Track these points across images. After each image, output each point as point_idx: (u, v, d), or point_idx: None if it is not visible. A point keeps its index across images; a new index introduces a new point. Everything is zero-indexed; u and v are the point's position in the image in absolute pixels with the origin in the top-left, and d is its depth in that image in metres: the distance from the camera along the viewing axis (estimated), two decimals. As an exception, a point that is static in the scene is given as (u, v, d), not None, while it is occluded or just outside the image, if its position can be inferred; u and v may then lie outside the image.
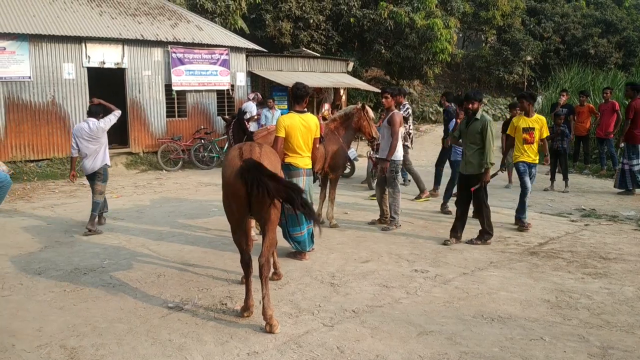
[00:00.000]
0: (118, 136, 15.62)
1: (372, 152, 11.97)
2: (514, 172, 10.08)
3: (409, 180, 12.11)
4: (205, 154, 14.80)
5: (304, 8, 23.15)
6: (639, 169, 10.42)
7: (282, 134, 6.09)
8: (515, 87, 30.71)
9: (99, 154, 8.12)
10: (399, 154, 7.92)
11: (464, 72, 31.20)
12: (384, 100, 7.95)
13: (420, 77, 25.96)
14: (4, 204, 10.03)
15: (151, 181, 12.92)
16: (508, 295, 5.22)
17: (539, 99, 21.40)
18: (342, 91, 19.78)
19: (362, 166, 13.01)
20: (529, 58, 28.63)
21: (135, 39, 14.26)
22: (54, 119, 13.38)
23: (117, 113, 8.39)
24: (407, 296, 5.23)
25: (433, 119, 25.43)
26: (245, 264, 4.70)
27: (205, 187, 11.89)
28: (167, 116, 15.24)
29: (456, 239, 7.11)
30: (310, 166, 6.34)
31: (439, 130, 23.21)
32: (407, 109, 10.45)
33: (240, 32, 20.02)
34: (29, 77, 12.92)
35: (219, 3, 19.20)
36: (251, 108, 14.28)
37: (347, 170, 13.41)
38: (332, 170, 8.05)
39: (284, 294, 5.31)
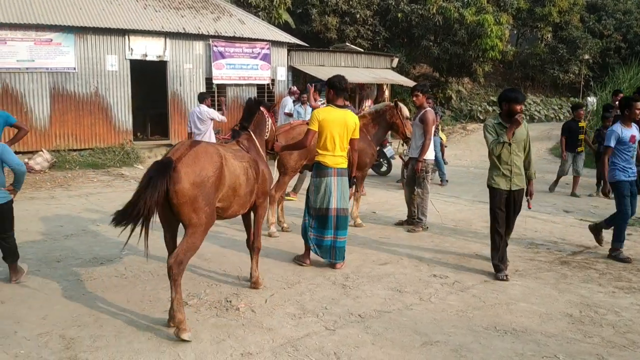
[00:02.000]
0: (160, 128, 15.91)
1: (406, 151, 11.68)
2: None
3: (447, 181, 11.75)
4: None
5: (350, 3, 22.92)
6: None
7: (314, 127, 5.69)
8: (571, 87, 29.51)
9: (206, 135, 10.19)
10: (430, 154, 7.66)
11: (517, 70, 30.18)
12: (414, 98, 7.67)
13: (470, 74, 25.31)
14: (43, 191, 10.36)
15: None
16: (527, 306, 4.90)
17: (593, 99, 20.44)
18: (385, 87, 19.45)
19: (398, 165, 12.66)
20: (586, 57, 27.42)
21: (177, 32, 14.43)
22: (96, 109, 13.71)
23: (222, 117, 10.82)
24: (419, 302, 4.99)
25: (481, 117, 24.72)
26: (168, 267, 4.17)
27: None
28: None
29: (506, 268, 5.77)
30: (343, 165, 5.84)
31: (486, 130, 22.56)
32: None
33: (285, 27, 20.00)
34: (74, 69, 13.28)
35: (263, -3, 19.25)
36: (289, 103, 14.17)
37: (384, 169, 13.17)
38: (359, 167, 7.80)
39: (292, 294, 5.17)
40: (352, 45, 21.12)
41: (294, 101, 14.68)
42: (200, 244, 4.30)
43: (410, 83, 19.96)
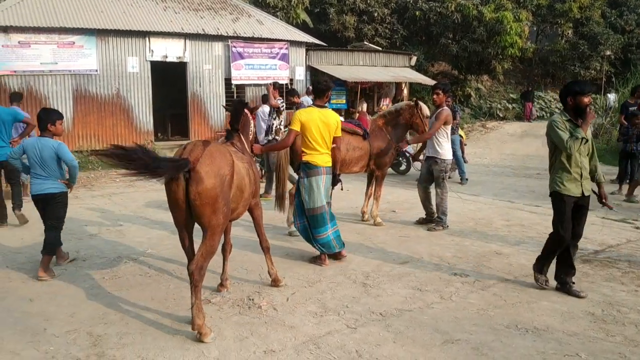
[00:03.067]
0: (180, 128, 16.09)
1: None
2: None
3: (467, 179, 11.70)
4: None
5: (368, 1, 22.90)
6: None
7: (296, 127, 5.81)
8: (593, 83, 29.03)
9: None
10: (448, 154, 7.64)
11: (537, 67, 29.81)
12: (434, 96, 7.65)
13: (489, 72, 25.10)
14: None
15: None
16: (549, 305, 4.88)
17: (614, 96, 20.17)
18: (403, 86, 19.41)
19: (419, 164, 12.62)
20: (608, 53, 26.94)
21: (196, 33, 14.59)
22: (118, 110, 13.92)
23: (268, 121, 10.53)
24: (440, 301, 5.00)
25: (501, 115, 24.50)
26: (189, 273, 4.20)
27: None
28: (227, 110, 15.47)
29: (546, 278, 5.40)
30: (330, 164, 5.99)
31: (506, 127, 22.39)
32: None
33: (303, 26, 20.06)
34: (96, 70, 13.51)
35: (281, -3, 19.33)
36: (308, 102, 14.24)
37: (403, 167, 13.16)
38: (378, 167, 7.85)
39: (313, 292, 5.22)
40: (370, 44, 21.11)
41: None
42: (218, 246, 4.32)
43: (429, 81, 19.90)
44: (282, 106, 9.69)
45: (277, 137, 9.60)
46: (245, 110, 5.43)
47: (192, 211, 4.13)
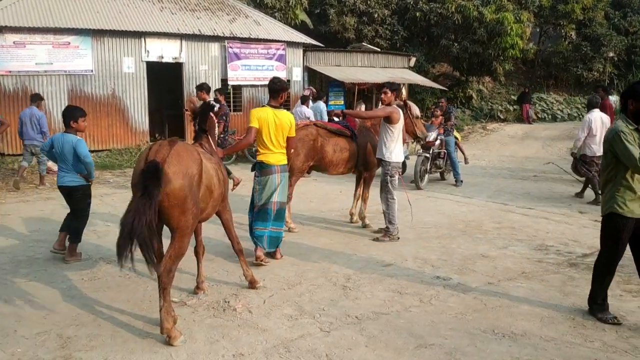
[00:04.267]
0: (177, 129, 16.05)
1: (419, 151, 11.58)
2: None
3: (461, 181, 11.60)
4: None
5: (368, 2, 22.84)
6: None
7: (255, 124, 5.87)
8: (596, 85, 28.85)
9: None
10: (394, 156, 7.01)
11: (540, 68, 29.68)
12: (382, 95, 7.20)
13: (490, 73, 24.99)
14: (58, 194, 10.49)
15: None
16: (530, 309, 4.80)
17: (616, 98, 19.99)
18: (402, 87, 19.30)
19: (412, 164, 12.54)
20: (611, 54, 26.79)
21: (192, 33, 14.56)
22: (113, 111, 13.91)
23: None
24: (418, 304, 4.93)
25: (502, 117, 24.38)
26: (158, 276, 4.14)
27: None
28: (186, 111, 15.45)
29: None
30: (284, 162, 6.07)
31: (506, 129, 22.26)
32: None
33: (302, 27, 20.02)
34: (91, 71, 13.50)
35: (278, -2, 19.30)
36: (303, 112, 14.10)
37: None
38: (366, 168, 7.78)
39: (291, 295, 5.16)
40: (369, 45, 21.04)
41: (315, 101, 14.60)
42: (187, 248, 4.24)
43: (428, 83, 19.83)
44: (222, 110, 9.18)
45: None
46: (210, 114, 5.37)
47: (161, 213, 4.03)
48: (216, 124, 5.42)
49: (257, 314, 4.70)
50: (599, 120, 9.48)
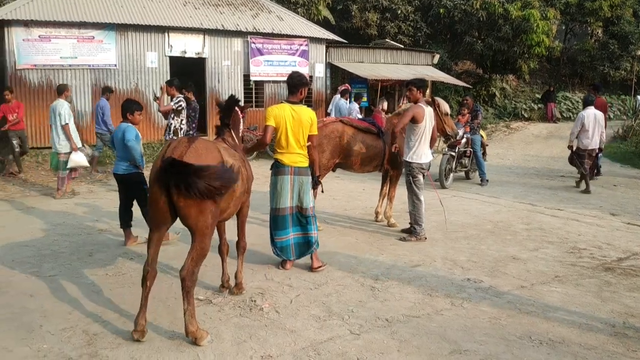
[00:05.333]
0: (198, 124, 16.00)
1: (445, 149, 11.38)
2: None
3: (487, 181, 11.39)
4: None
5: (392, -2, 22.61)
6: None
7: (271, 123, 5.45)
8: (622, 84, 28.26)
9: None
10: (416, 157, 6.84)
11: (565, 67, 29.12)
12: (407, 93, 7.02)
13: (514, 71, 24.58)
14: (83, 186, 10.53)
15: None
16: (566, 315, 4.62)
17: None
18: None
19: (437, 163, 12.34)
20: (639, 53, 26.18)
21: (215, 29, 14.51)
22: (136, 105, 13.88)
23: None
24: (450, 308, 4.78)
25: (526, 116, 23.96)
26: (143, 276, 4.10)
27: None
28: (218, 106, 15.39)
29: None
30: (301, 164, 5.59)
31: (530, 128, 21.87)
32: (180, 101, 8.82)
33: (325, 23, 19.87)
34: (115, 65, 13.52)
35: (302, -7, 19.16)
36: (343, 105, 13.97)
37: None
38: (393, 166, 7.63)
39: (318, 295, 5.04)
40: (392, 42, 20.82)
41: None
42: (209, 248, 4.07)
43: (452, 80, 19.56)
44: (180, 105, 8.82)
45: (174, 137, 8.80)
46: (236, 108, 5.26)
47: (177, 213, 3.91)
48: (241, 119, 5.31)
49: (284, 314, 4.59)
50: (592, 116, 10.45)
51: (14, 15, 12.35)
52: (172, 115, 8.86)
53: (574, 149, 10.74)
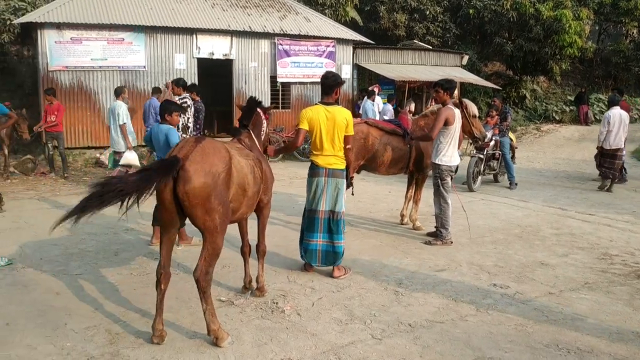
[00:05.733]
0: (226, 126, 16.14)
1: (473, 152, 11.21)
2: None
3: (516, 184, 11.17)
4: (306, 146, 14.77)
5: (420, -1, 22.41)
6: None
7: (303, 126, 5.43)
8: (614, 88, 27.49)
9: None
10: (446, 159, 6.73)
11: (598, 68, 28.46)
12: (434, 94, 6.90)
13: (546, 72, 24.10)
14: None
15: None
16: (596, 323, 4.47)
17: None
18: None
19: (465, 165, 12.15)
20: (676, 53, 25.45)
21: (243, 30, 14.58)
22: (164, 107, 14.05)
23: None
24: (475, 313, 4.67)
25: (557, 118, 23.47)
26: (157, 279, 4.09)
27: (299, 180, 11.82)
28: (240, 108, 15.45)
29: None
30: (336, 166, 5.50)
31: (562, 131, 21.43)
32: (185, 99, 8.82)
33: (352, 24, 19.81)
34: (144, 67, 13.69)
35: (329, -6, 19.13)
36: (370, 107, 13.93)
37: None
38: (419, 169, 7.53)
39: (340, 298, 4.99)
40: (420, 43, 20.63)
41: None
42: (221, 247, 4.04)
43: (481, 81, 19.30)
44: (185, 102, 8.79)
45: (184, 135, 8.69)
46: (259, 110, 5.24)
47: (185, 213, 3.89)
48: (264, 120, 5.28)
49: (305, 317, 4.56)
50: (617, 116, 10.66)
51: (46, 18, 12.62)
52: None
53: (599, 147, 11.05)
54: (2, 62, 16.66)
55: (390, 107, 13.77)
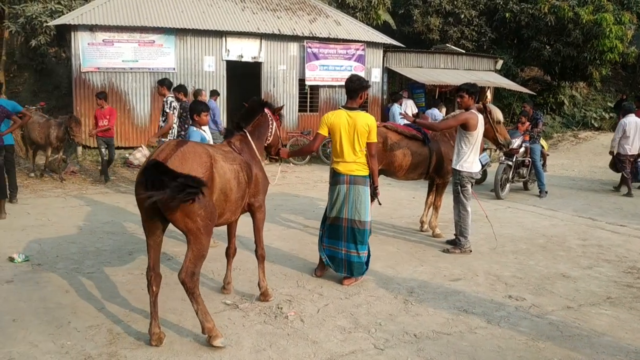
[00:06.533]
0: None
1: (502, 158, 10.91)
2: None
3: (546, 192, 10.82)
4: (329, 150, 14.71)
5: (455, 3, 22.10)
6: None
7: (323, 132, 5.30)
8: (637, 96, 26.33)
9: None
10: (467, 165, 6.52)
11: (641, 74, 27.49)
12: (458, 99, 6.68)
13: (585, 78, 23.39)
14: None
15: (275, 173, 13.10)
16: (613, 341, 4.23)
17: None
18: (487, 90, 18.45)
19: (494, 172, 11.85)
20: None
21: (272, 33, 14.61)
22: (193, 109, 14.18)
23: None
24: (485, 326, 4.49)
25: (596, 125, 22.73)
26: (148, 282, 4.01)
27: (323, 184, 11.74)
28: (299, 110, 15.43)
29: None
30: (357, 173, 5.31)
31: (600, 139, 20.74)
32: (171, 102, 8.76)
33: (385, 28, 19.66)
34: (174, 69, 13.85)
35: (360, -3, 19.01)
36: (396, 111, 13.76)
37: (479, 176, 12.39)
38: (439, 175, 7.35)
39: (347, 305, 4.87)
40: (452, 47, 20.30)
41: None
42: (207, 249, 3.97)
43: (515, 87, 18.85)
44: (170, 104, 8.81)
45: (163, 140, 8.77)
46: (267, 111, 5.15)
47: (166, 217, 3.83)
48: (272, 122, 5.18)
49: (309, 323, 4.46)
50: (633, 123, 11.04)
51: (80, 20, 12.90)
52: (162, 118, 8.96)
53: (615, 154, 11.39)
54: (41, 63, 17.13)
55: (396, 107, 13.52)
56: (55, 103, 16.70)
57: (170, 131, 8.77)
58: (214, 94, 12.25)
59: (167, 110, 8.79)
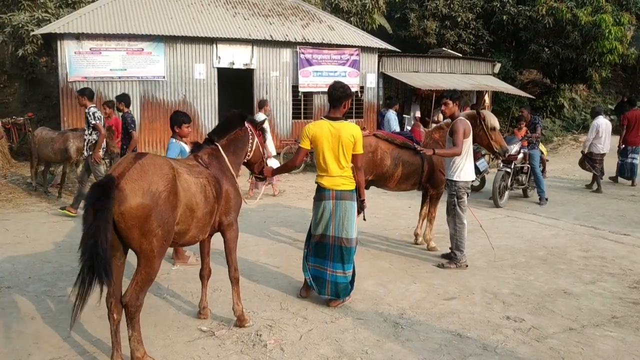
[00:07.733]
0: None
1: (500, 164, 10.57)
2: None
3: (546, 199, 10.48)
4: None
5: (452, 6, 21.81)
6: None
7: (304, 145, 4.98)
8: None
9: None
10: (463, 174, 6.22)
11: (642, 75, 27.18)
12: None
13: (584, 80, 23.08)
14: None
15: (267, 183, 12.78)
16: (620, 370, 3.89)
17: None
18: (485, 95, 18.14)
19: (492, 179, 11.51)
20: None
21: (264, 39, 14.32)
22: (184, 117, 13.88)
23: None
24: (480, 353, 4.14)
25: (597, 129, 22.36)
26: (108, 309, 3.74)
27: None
28: (293, 117, 15.11)
29: None
30: (343, 187, 4.95)
31: (601, 142, 20.35)
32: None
33: (381, 32, 19.37)
34: (163, 77, 13.57)
35: (355, 2, 18.69)
36: (392, 116, 13.47)
37: (477, 184, 12.07)
38: (433, 185, 7.00)
39: (332, 331, 4.53)
40: (449, 50, 20.00)
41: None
42: (156, 274, 3.69)
43: (513, 90, 18.54)
44: (92, 116, 8.50)
45: (91, 154, 8.60)
46: (247, 125, 4.82)
47: (119, 234, 3.53)
48: (252, 137, 4.85)
49: (289, 352, 4.12)
50: (604, 125, 11.80)
51: (66, 28, 12.62)
52: (90, 132, 8.63)
53: (586, 152, 12.05)
54: (31, 73, 16.87)
55: (392, 113, 13.18)
56: (46, 113, 16.42)
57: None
58: (263, 104, 11.65)
59: (93, 122, 8.50)
